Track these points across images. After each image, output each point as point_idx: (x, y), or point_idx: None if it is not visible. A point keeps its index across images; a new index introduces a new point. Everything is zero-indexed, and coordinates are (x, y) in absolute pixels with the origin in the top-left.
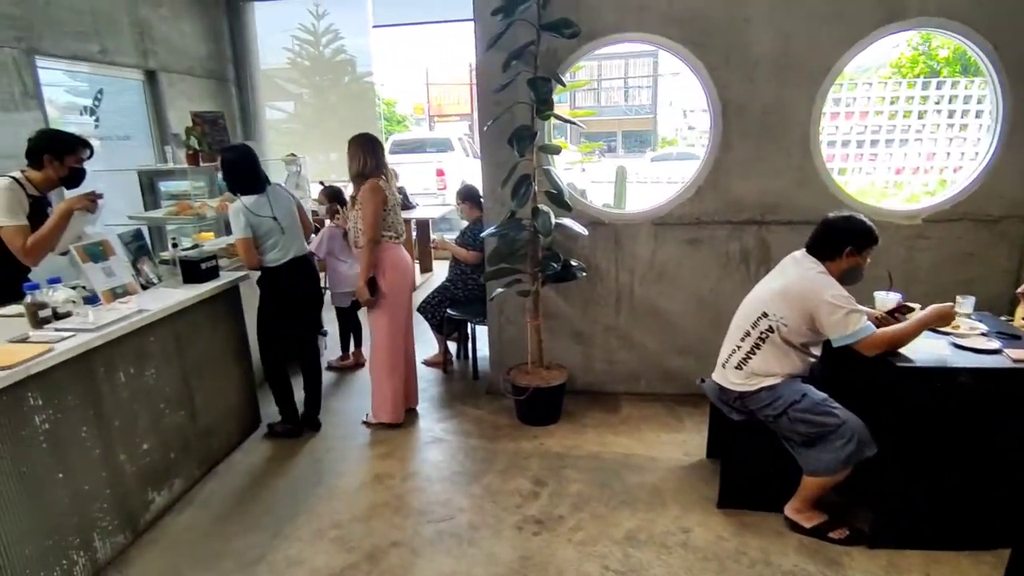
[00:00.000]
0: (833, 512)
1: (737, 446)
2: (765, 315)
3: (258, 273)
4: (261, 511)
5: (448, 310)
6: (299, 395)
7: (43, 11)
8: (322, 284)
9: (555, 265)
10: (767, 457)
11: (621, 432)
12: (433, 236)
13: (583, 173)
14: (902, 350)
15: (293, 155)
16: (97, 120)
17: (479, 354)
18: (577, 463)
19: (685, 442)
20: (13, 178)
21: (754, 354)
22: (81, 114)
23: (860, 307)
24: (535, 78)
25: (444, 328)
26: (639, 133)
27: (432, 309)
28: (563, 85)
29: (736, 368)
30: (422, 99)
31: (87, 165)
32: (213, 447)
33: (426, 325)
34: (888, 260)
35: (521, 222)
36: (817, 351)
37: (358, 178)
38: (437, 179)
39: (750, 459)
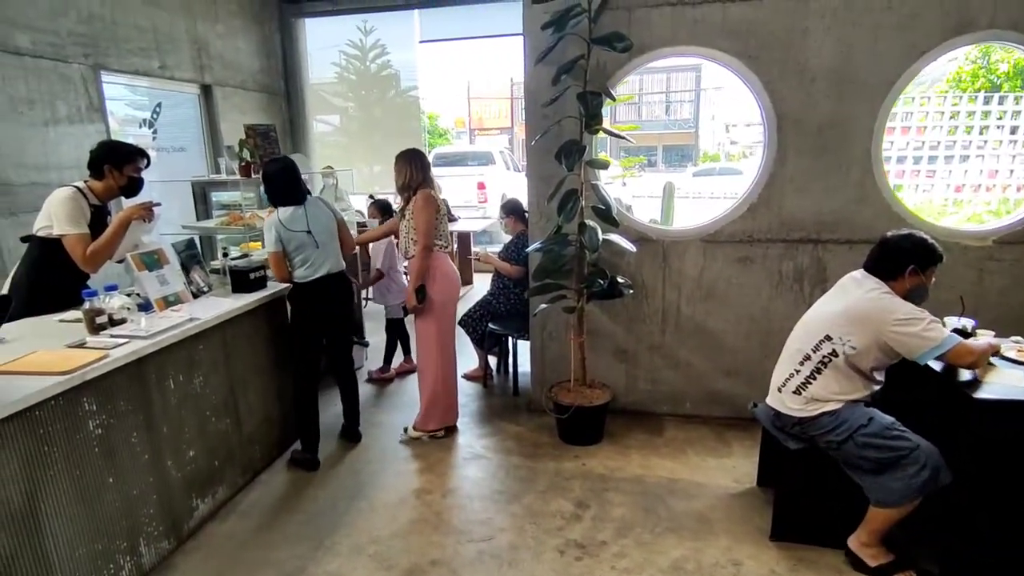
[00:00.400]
0: (899, 552)
1: (793, 474)
2: (828, 338)
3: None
4: (302, 521)
5: (490, 324)
6: (337, 408)
7: (110, 29)
8: (367, 296)
9: (601, 282)
10: (826, 487)
11: (665, 455)
12: (476, 249)
13: (624, 188)
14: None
15: (330, 167)
16: (155, 132)
17: (519, 369)
18: (620, 486)
19: (734, 468)
20: (76, 188)
21: (814, 378)
22: (140, 126)
23: (936, 319)
24: (585, 92)
25: (485, 342)
26: (680, 148)
27: (473, 323)
28: (613, 99)
29: (794, 393)
30: (463, 113)
31: (144, 175)
32: (256, 455)
33: (467, 338)
34: (957, 283)
35: (567, 237)
36: (881, 377)
37: (405, 190)
38: (478, 192)
39: (807, 488)
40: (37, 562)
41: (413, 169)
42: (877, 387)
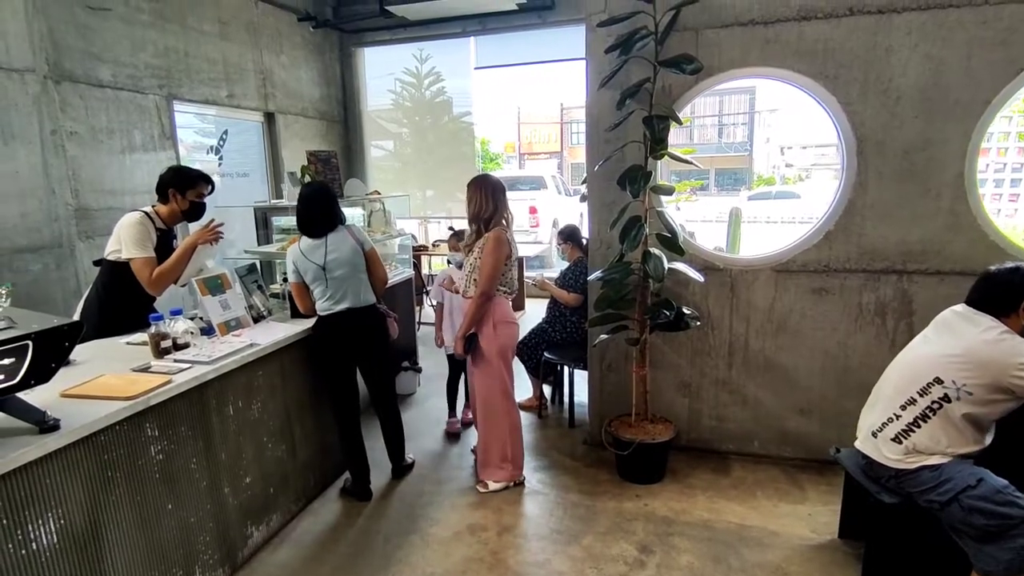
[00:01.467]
0: None
1: (887, 529)
2: (939, 381)
3: None
4: (351, 554)
5: (545, 353)
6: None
7: (183, 61)
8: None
9: (667, 313)
10: (924, 544)
11: (733, 498)
12: (530, 275)
13: (678, 212)
14: None
15: (376, 192)
16: (220, 158)
17: (576, 399)
18: (686, 531)
19: (811, 516)
20: (144, 213)
21: (919, 426)
22: (207, 153)
23: None
24: (652, 116)
25: (540, 371)
26: (733, 171)
27: (529, 351)
28: (679, 123)
29: (893, 441)
30: (513, 137)
31: (210, 200)
32: (310, 483)
33: (521, 367)
34: None
35: (630, 266)
36: (992, 433)
37: (475, 221)
38: (530, 216)
39: (902, 544)
40: None
41: (484, 198)
42: (988, 441)
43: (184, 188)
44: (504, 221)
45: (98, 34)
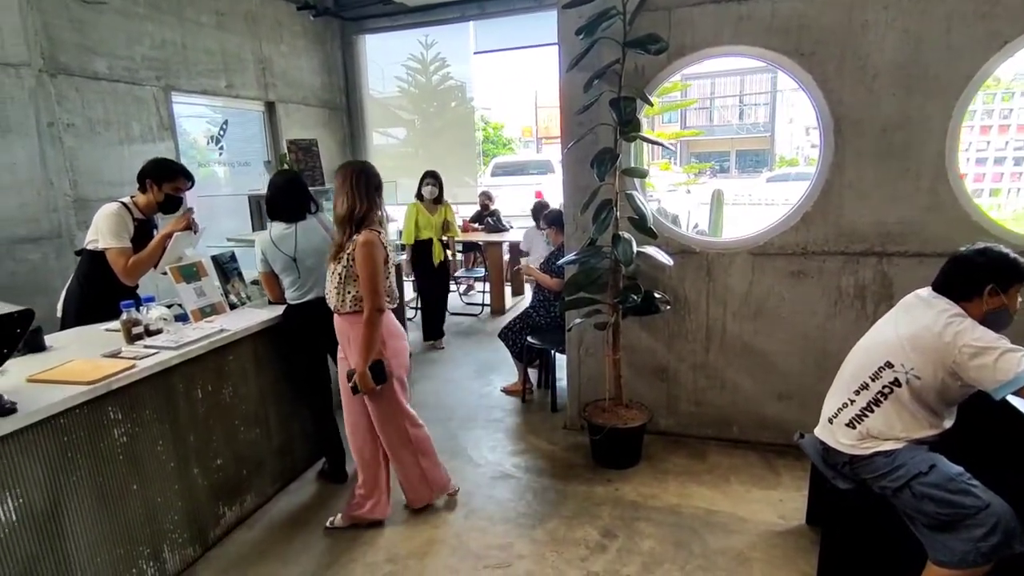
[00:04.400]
0: None
1: (843, 515)
2: (890, 365)
3: None
4: (323, 534)
5: (528, 338)
6: None
7: (181, 53)
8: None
9: (635, 297)
10: (880, 531)
11: (706, 482)
12: (522, 261)
13: (688, 195)
14: None
15: None
16: (221, 148)
17: (560, 384)
18: (653, 515)
19: (781, 502)
20: (122, 203)
21: (871, 411)
22: (208, 143)
23: (1015, 347)
24: (618, 98)
25: (524, 356)
26: (755, 152)
27: (513, 336)
28: (650, 104)
29: (847, 426)
30: (530, 121)
31: (214, 189)
32: (287, 466)
33: (506, 352)
34: None
35: (601, 249)
36: (951, 415)
37: (345, 224)
38: (536, 201)
39: (859, 532)
40: (58, 564)
41: (357, 193)
42: (946, 425)
43: (161, 180)
44: (378, 222)
45: (93, 28)
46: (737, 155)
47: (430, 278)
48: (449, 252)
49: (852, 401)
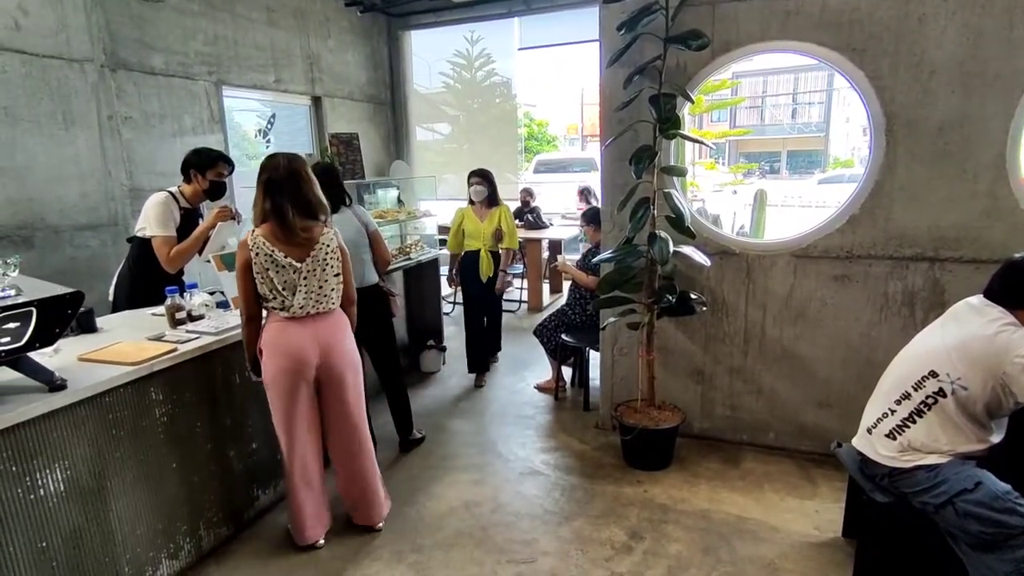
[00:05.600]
0: None
1: (880, 529)
2: (934, 374)
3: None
4: (350, 521)
5: (562, 335)
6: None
7: (232, 48)
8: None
9: (670, 297)
10: (919, 547)
11: (738, 488)
12: (559, 258)
13: (735, 196)
14: None
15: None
16: (269, 141)
17: (593, 383)
18: (681, 519)
19: (817, 512)
20: (169, 193)
21: (913, 422)
22: (256, 136)
23: None
24: (657, 95)
25: (559, 353)
26: (807, 153)
27: (548, 333)
28: (691, 101)
29: (887, 437)
30: (577, 119)
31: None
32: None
33: (541, 349)
34: None
35: (638, 248)
36: (1001, 429)
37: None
38: (578, 199)
39: (896, 547)
40: (103, 534)
41: (264, 193)
42: (995, 440)
43: (204, 168)
44: (283, 225)
45: (151, 24)
46: (788, 155)
47: (474, 297)
48: (502, 265)
49: (893, 411)
